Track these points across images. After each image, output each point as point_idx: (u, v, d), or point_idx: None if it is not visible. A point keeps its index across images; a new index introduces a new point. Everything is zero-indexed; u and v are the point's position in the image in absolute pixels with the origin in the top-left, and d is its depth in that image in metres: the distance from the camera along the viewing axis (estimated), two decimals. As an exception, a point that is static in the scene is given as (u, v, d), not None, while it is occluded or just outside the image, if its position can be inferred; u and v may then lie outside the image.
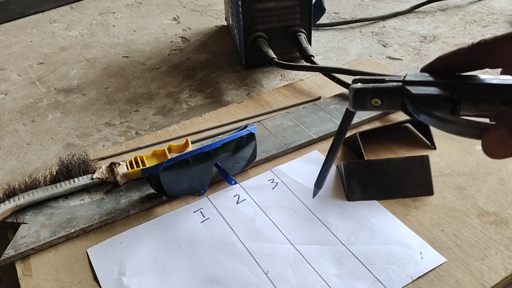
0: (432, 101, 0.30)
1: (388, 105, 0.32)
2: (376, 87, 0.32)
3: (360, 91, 0.32)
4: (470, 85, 0.30)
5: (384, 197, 0.51)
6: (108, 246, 0.48)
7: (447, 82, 0.31)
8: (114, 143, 0.67)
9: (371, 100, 0.32)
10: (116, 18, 1.07)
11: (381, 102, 0.32)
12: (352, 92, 0.32)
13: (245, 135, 0.53)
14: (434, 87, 0.30)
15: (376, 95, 0.32)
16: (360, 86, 0.32)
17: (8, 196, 0.52)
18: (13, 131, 0.71)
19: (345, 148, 0.59)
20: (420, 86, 0.31)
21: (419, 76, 0.32)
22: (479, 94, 0.29)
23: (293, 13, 0.77)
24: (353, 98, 0.32)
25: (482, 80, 0.30)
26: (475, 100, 0.29)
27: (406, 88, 0.31)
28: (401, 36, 0.89)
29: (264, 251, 0.47)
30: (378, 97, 0.32)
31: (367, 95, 0.32)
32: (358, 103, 0.32)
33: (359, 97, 0.32)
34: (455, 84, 0.30)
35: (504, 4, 0.98)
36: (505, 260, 0.44)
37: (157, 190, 0.51)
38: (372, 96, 0.32)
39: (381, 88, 0.32)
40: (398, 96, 0.31)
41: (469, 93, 0.29)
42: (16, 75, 0.86)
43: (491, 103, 0.29)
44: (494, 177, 0.53)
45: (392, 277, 0.43)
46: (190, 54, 0.89)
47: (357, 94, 0.32)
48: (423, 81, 0.31)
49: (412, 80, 0.31)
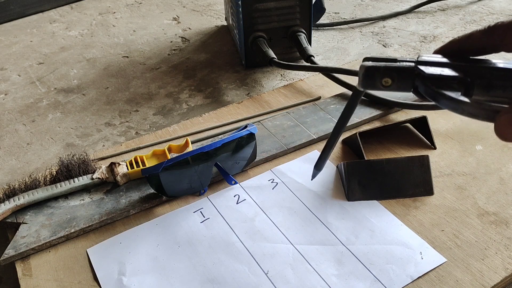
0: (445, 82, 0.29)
1: (399, 85, 0.31)
2: (388, 66, 0.31)
3: (372, 69, 0.31)
4: (484, 69, 0.29)
5: (384, 197, 0.51)
6: (108, 246, 0.48)
7: (460, 65, 0.30)
8: (114, 143, 0.67)
9: (381, 80, 0.31)
10: (116, 18, 1.07)
11: (392, 82, 0.31)
12: (362, 70, 0.31)
13: (245, 135, 0.53)
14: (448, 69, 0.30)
15: (387, 74, 0.31)
16: (372, 64, 0.31)
17: (8, 196, 0.52)
18: (13, 131, 0.71)
19: (345, 148, 0.59)
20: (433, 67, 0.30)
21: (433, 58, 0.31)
22: (493, 80, 0.29)
23: (293, 13, 0.77)
24: (363, 76, 0.31)
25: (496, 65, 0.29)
26: (488, 85, 0.29)
27: (419, 68, 0.30)
28: (401, 36, 0.89)
29: (264, 251, 0.47)
30: (389, 77, 0.31)
31: (378, 74, 0.31)
32: (368, 81, 0.31)
33: (370, 76, 0.31)
34: (469, 67, 0.29)
35: (504, 4, 0.98)
36: (505, 260, 0.44)
37: (157, 190, 0.51)
38: (383, 75, 0.31)
39: (393, 67, 0.31)
40: (410, 77, 0.30)
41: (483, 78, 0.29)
42: (16, 75, 0.86)
43: (504, 89, 0.29)
44: (494, 177, 0.53)
45: (392, 277, 0.43)
46: (190, 54, 0.89)
47: (368, 72, 0.31)
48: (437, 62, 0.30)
49: (425, 61, 0.31)
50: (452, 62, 0.30)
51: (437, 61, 0.30)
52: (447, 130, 0.60)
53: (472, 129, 0.60)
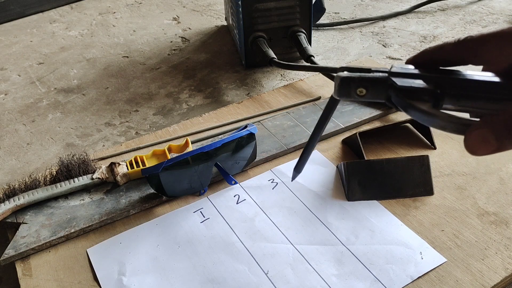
0: (416, 94, 0.30)
1: (372, 95, 0.32)
2: (362, 77, 0.32)
3: (346, 79, 0.32)
4: (454, 80, 0.30)
5: (384, 197, 0.51)
6: (108, 246, 0.48)
7: (432, 76, 0.31)
8: (114, 143, 0.67)
9: (356, 89, 0.32)
10: (116, 18, 1.07)
11: (366, 91, 0.32)
12: (338, 80, 0.32)
13: (245, 135, 0.53)
14: (419, 80, 0.30)
15: (361, 84, 0.32)
16: (346, 74, 0.32)
17: (8, 196, 0.52)
18: (13, 131, 0.71)
19: (345, 148, 0.59)
20: (405, 78, 0.31)
21: (405, 69, 0.32)
22: (462, 90, 0.30)
23: (293, 13, 0.77)
24: (338, 86, 0.32)
25: (465, 76, 0.30)
26: (457, 96, 0.30)
27: (391, 79, 0.31)
28: (401, 36, 0.89)
29: (264, 251, 0.47)
30: (363, 87, 0.32)
31: (352, 84, 0.32)
32: (343, 91, 0.32)
33: (345, 86, 0.32)
34: (440, 79, 0.30)
35: (504, 4, 0.98)
36: (505, 260, 0.44)
37: (157, 190, 0.51)
38: (358, 86, 0.32)
39: (367, 78, 0.32)
40: (383, 87, 0.31)
41: (453, 89, 0.30)
42: (16, 75, 0.86)
43: (473, 100, 0.29)
44: (494, 177, 0.53)
45: (392, 277, 0.43)
46: (190, 54, 0.89)
47: (343, 82, 0.32)
48: (409, 73, 0.31)
49: (397, 72, 0.31)
50: (424, 73, 0.31)
51: (409, 73, 0.31)
52: (447, 130, 0.60)
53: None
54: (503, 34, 0.29)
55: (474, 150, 0.27)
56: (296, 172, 0.44)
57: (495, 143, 0.26)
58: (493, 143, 0.26)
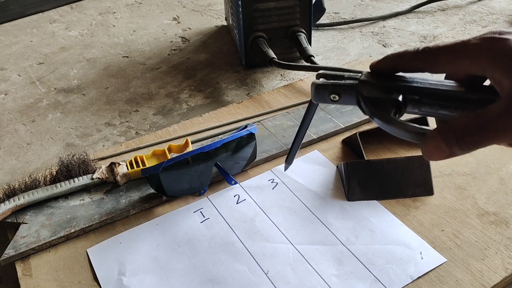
0: (380, 103, 0.32)
1: (345, 100, 0.35)
2: (334, 84, 0.35)
3: (320, 87, 0.35)
4: (416, 88, 0.32)
5: (384, 197, 0.51)
6: (108, 246, 0.48)
7: (395, 84, 0.33)
8: (114, 143, 0.67)
9: (330, 95, 0.35)
10: (116, 18, 1.07)
11: (339, 97, 0.35)
12: (313, 87, 0.35)
13: (245, 135, 0.53)
14: (383, 89, 0.33)
15: (334, 91, 0.35)
16: (321, 82, 0.35)
17: (8, 196, 0.52)
18: (13, 131, 0.71)
19: (345, 148, 0.59)
20: (371, 87, 0.33)
21: (373, 77, 0.34)
22: (422, 97, 0.32)
23: (293, 13, 0.77)
24: (314, 92, 0.35)
25: (426, 84, 0.32)
26: (419, 102, 0.32)
27: (359, 87, 0.34)
28: (401, 36, 0.89)
29: (264, 251, 0.47)
30: (336, 93, 0.35)
31: (326, 91, 0.35)
32: (319, 97, 0.35)
33: (320, 92, 0.35)
34: (403, 87, 0.33)
35: (504, 4, 0.98)
36: (505, 260, 0.44)
37: (157, 190, 0.51)
38: (331, 92, 0.35)
39: (339, 85, 0.35)
40: (354, 94, 0.34)
41: (414, 95, 0.32)
42: (16, 75, 0.86)
43: (432, 106, 0.32)
44: (494, 177, 0.53)
45: (392, 277, 0.43)
46: (190, 54, 0.89)
47: (318, 89, 0.35)
48: (375, 82, 0.34)
49: (365, 80, 0.34)
50: (389, 81, 0.33)
51: (374, 82, 0.34)
52: (447, 130, 0.60)
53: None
54: (456, 47, 0.30)
55: (430, 156, 0.30)
56: (287, 164, 0.47)
57: (447, 150, 0.29)
58: (445, 150, 0.29)
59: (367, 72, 0.35)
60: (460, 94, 0.31)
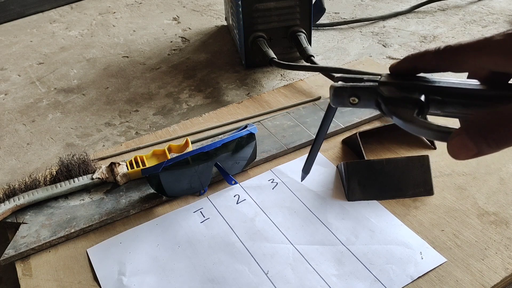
0: (402, 103, 0.32)
1: (364, 103, 0.34)
2: (354, 86, 0.34)
3: (339, 90, 0.35)
4: (438, 88, 0.32)
5: (384, 197, 0.51)
6: (108, 246, 0.48)
7: (418, 84, 0.32)
8: (114, 143, 0.67)
9: (349, 98, 0.34)
10: (116, 18, 1.07)
11: (358, 100, 0.34)
12: (332, 90, 0.35)
13: (245, 135, 0.53)
14: (405, 89, 0.32)
15: (353, 93, 0.34)
16: (340, 85, 0.35)
17: (8, 196, 0.52)
18: (13, 131, 0.71)
19: (345, 148, 0.59)
20: (393, 88, 0.33)
21: (393, 78, 0.34)
22: (445, 97, 0.32)
23: (293, 13, 0.77)
24: (333, 96, 0.35)
25: (449, 84, 0.32)
26: (441, 102, 0.32)
27: (379, 89, 0.33)
28: (401, 36, 0.89)
29: (264, 251, 0.47)
30: (356, 96, 0.34)
31: (345, 94, 0.34)
32: (338, 100, 0.35)
33: (338, 95, 0.35)
34: (425, 87, 0.32)
35: (504, 4, 0.98)
36: (505, 260, 0.44)
37: (157, 190, 0.51)
38: (350, 95, 0.34)
39: (358, 87, 0.34)
40: (373, 96, 0.34)
41: (437, 95, 0.32)
42: (16, 75, 0.86)
43: (455, 106, 0.31)
44: (494, 177, 0.53)
45: (392, 277, 0.43)
46: (190, 54, 0.89)
47: (337, 92, 0.35)
48: (396, 82, 0.33)
49: (386, 81, 0.33)
50: (411, 82, 0.33)
51: (397, 82, 0.33)
52: (447, 130, 0.60)
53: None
54: (479, 44, 0.30)
55: (456, 155, 0.29)
56: (304, 173, 0.47)
57: (474, 148, 0.27)
58: (472, 148, 0.27)
59: (386, 74, 0.34)
60: (485, 92, 0.30)
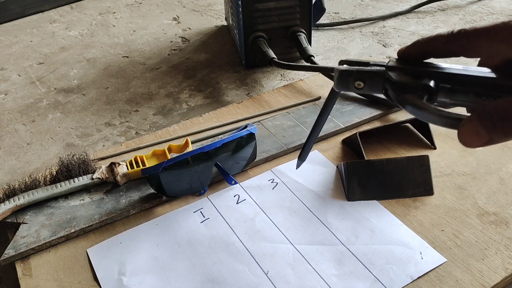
0: (410, 88, 0.31)
1: (370, 88, 0.33)
2: (360, 70, 0.33)
3: (345, 73, 0.33)
4: (448, 75, 0.31)
5: (384, 197, 0.51)
6: (108, 246, 0.48)
7: (427, 70, 0.31)
8: (114, 143, 0.67)
9: (354, 82, 0.33)
10: (116, 18, 1.07)
11: (364, 84, 0.33)
12: (337, 73, 0.34)
13: (245, 135, 0.53)
14: (414, 75, 0.31)
15: (359, 77, 0.33)
16: (345, 68, 0.33)
17: (8, 196, 0.52)
18: (13, 131, 0.71)
19: (345, 148, 0.59)
20: (401, 73, 0.32)
21: (401, 63, 0.33)
22: (456, 85, 0.30)
23: (293, 13, 0.77)
24: (337, 79, 0.34)
25: (460, 71, 0.30)
26: (451, 90, 0.30)
27: (388, 73, 0.32)
28: (401, 36, 0.89)
29: (264, 251, 0.47)
30: (361, 80, 0.33)
31: (350, 77, 0.33)
32: (342, 84, 0.34)
33: (343, 79, 0.33)
34: (435, 73, 0.31)
35: (504, 4, 0.98)
36: (505, 260, 0.44)
37: (157, 190, 0.51)
38: (356, 79, 0.33)
39: (365, 71, 0.33)
40: (380, 80, 0.32)
41: (447, 83, 0.30)
42: (16, 75, 0.86)
43: (466, 94, 0.30)
44: (494, 177, 0.53)
45: (392, 277, 0.43)
46: (190, 54, 0.89)
47: (342, 75, 0.33)
48: (405, 67, 0.32)
49: (394, 66, 0.32)
50: (420, 67, 0.32)
51: (405, 67, 0.32)
52: (447, 130, 0.60)
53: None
54: (496, 29, 0.29)
55: (468, 142, 0.27)
56: (300, 161, 0.46)
57: (486, 135, 0.26)
58: (484, 135, 0.27)
59: (394, 59, 0.33)
60: (498, 81, 0.29)
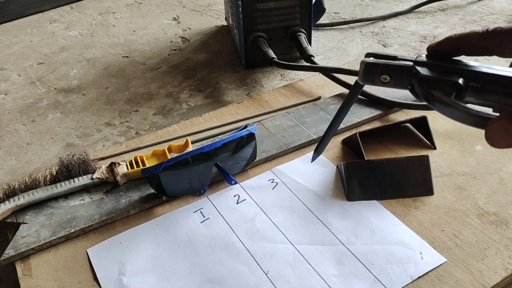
0: (439, 85, 0.30)
1: (396, 83, 0.32)
2: (387, 64, 0.32)
3: (371, 65, 0.32)
4: (478, 74, 0.30)
5: (384, 197, 0.51)
6: (108, 246, 0.48)
7: (456, 68, 0.30)
8: (114, 143, 0.67)
9: (380, 76, 0.32)
10: (116, 18, 1.07)
11: (390, 79, 0.32)
12: (363, 66, 0.32)
13: (245, 135, 0.53)
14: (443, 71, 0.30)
15: (386, 71, 0.32)
16: (372, 60, 0.32)
17: (8, 196, 0.52)
18: (13, 131, 0.71)
19: (345, 148, 0.59)
20: (430, 68, 0.31)
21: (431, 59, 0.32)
22: (485, 84, 0.29)
23: (293, 13, 0.77)
24: (363, 71, 0.32)
25: (490, 70, 0.30)
26: (480, 89, 0.30)
27: (416, 68, 0.31)
28: (401, 36, 0.89)
29: (264, 251, 0.47)
30: (388, 74, 0.32)
31: (376, 70, 0.32)
32: (368, 77, 0.32)
33: (369, 72, 0.32)
34: (463, 71, 0.30)
35: (504, 4, 0.98)
36: (505, 260, 0.44)
37: (157, 190, 0.51)
38: (382, 72, 0.32)
39: (392, 65, 0.32)
40: (407, 76, 0.31)
41: (476, 82, 0.30)
42: (16, 75, 0.86)
43: (495, 94, 0.29)
44: (494, 177, 0.53)
45: (392, 277, 0.43)
46: (190, 54, 0.89)
47: (368, 68, 0.32)
48: (434, 63, 0.31)
49: (423, 61, 0.31)
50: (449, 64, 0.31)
51: (434, 63, 0.31)
52: (447, 130, 0.60)
53: (472, 129, 0.60)
54: None
55: (495, 141, 0.27)
56: (316, 154, 0.45)
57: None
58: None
59: (423, 54, 0.32)
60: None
